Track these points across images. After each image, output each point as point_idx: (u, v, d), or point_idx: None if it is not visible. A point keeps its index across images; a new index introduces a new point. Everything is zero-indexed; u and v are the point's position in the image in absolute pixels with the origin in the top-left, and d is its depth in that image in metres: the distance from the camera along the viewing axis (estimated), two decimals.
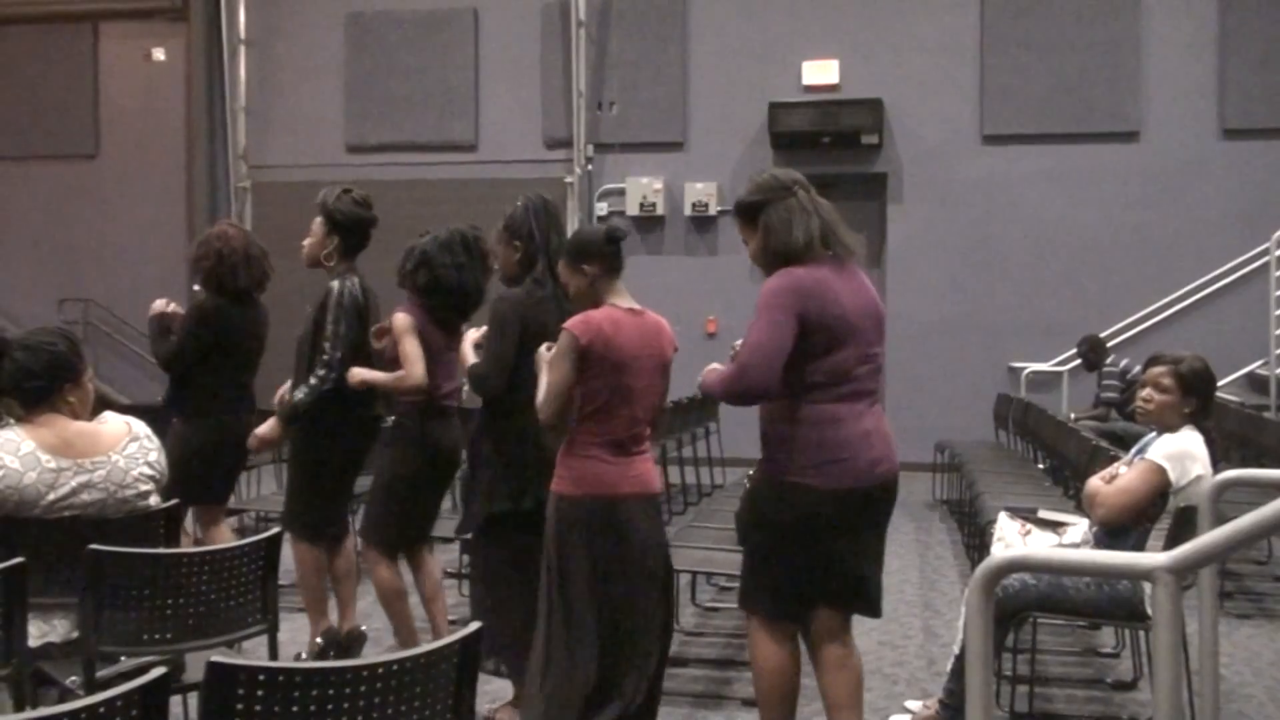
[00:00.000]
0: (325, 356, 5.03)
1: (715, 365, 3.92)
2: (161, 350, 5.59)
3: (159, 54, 13.61)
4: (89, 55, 13.70)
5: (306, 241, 5.26)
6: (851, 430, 3.71)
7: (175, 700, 3.66)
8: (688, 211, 12.18)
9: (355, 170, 12.55)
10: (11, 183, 13.81)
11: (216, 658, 2.24)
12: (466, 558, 5.78)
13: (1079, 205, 11.66)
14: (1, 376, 3.65)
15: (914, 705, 4.84)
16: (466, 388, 4.90)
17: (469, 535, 4.82)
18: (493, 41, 12.69)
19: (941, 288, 11.87)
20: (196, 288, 5.37)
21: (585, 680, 3.94)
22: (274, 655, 3.79)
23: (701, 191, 12.14)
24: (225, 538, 5.50)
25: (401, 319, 4.99)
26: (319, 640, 5.20)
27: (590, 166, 12.38)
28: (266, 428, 5.25)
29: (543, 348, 4.03)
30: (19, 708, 3.22)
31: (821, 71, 12.03)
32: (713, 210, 12.10)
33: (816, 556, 3.76)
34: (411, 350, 4.93)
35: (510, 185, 11.96)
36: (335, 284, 5.13)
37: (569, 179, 12.35)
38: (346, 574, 5.42)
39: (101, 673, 3.36)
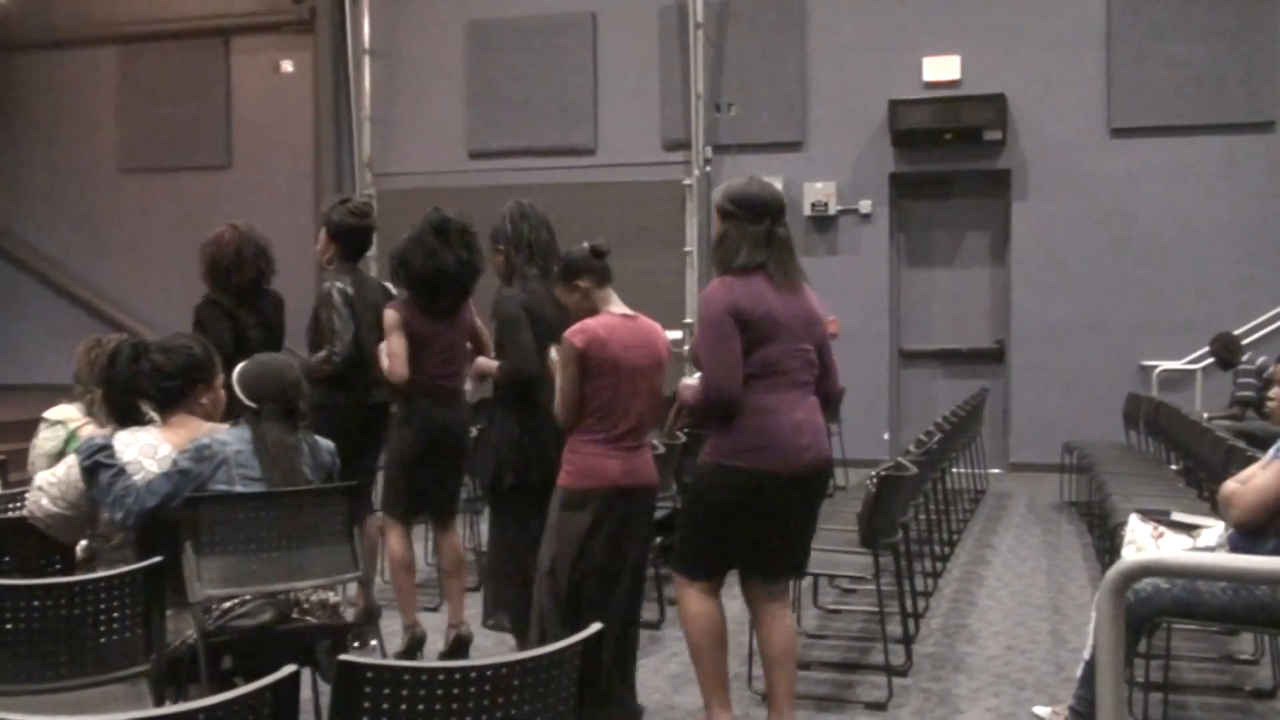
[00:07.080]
0: (332, 349, 5.43)
1: (689, 380, 4.26)
2: None
3: (287, 66, 13.95)
4: (221, 69, 14.08)
5: (317, 249, 5.74)
6: (783, 420, 4.10)
7: (305, 698, 3.75)
8: (807, 211, 12.00)
9: (477, 176, 12.72)
10: (149, 194, 14.26)
11: (346, 656, 2.29)
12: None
13: (1211, 199, 11.32)
14: (140, 377, 3.84)
15: (1042, 711, 4.75)
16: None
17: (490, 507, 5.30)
18: (611, 45, 12.76)
19: (1068, 285, 11.61)
20: (325, 285, 5.59)
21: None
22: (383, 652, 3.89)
23: (821, 191, 11.97)
24: None
25: (388, 316, 5.38)
26: None
27: (709, 168, 12.36)
28: None
29: (553, 350, 4.47)
30: (159, 703, 3.33)
31: (943, 67, 11.85)
32: (832, 210, 11.92)
33: (741, 531, 4.16)
34: (394, 347, 5.32)
35: (630, 188, 12.14)
36: (326, 284, 5.57)
37: (688, 181, 12.36)
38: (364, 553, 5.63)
39: None
